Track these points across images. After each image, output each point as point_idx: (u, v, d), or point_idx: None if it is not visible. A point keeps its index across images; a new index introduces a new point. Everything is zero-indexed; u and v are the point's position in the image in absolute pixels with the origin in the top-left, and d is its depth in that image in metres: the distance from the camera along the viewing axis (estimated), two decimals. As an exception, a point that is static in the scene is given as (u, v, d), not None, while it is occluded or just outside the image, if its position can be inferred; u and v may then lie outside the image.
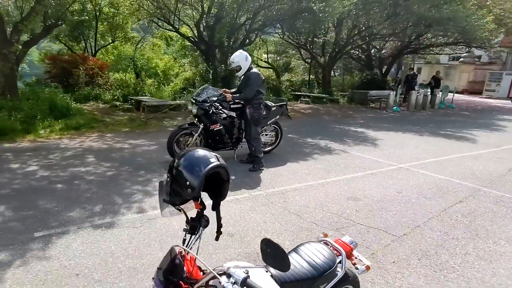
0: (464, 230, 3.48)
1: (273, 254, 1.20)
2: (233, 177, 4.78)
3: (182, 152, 1.40)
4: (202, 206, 1.42)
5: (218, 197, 1.44)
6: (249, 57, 5.20)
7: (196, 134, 5.25)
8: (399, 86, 15.56)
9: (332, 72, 19.10)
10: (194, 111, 5.21)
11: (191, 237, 1.42)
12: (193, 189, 1.29)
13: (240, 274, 1.17)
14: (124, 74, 11.54)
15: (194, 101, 5.23)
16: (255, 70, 5.22)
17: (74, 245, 2.95)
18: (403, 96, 15.21)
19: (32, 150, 5.78)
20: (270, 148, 6.23)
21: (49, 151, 5.76)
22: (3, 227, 3.18)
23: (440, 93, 16.07)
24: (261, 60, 20.19)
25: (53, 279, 2.49)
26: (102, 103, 9.43)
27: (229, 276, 1.19)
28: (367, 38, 15.12)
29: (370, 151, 6.71)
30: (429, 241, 3.25)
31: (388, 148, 7.03)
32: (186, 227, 1.44)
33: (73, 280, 2.49)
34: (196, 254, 1.31)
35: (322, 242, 1.89)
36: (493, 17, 14.94)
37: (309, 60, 17.10)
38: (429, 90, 16.18)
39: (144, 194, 4.09)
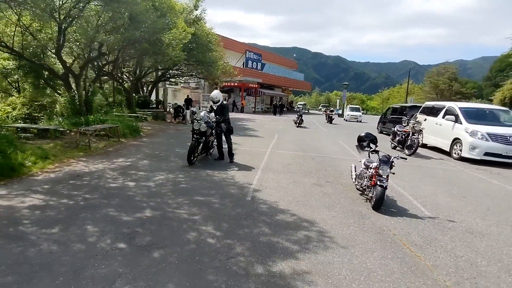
0: (330, 165, 9.35)
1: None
2: (235, 168, 8.11)
3: (363, 134, 6.03)
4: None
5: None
6: (222, 94, 8.55)
7: (202, 144, 7.88)
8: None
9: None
10: (203, 129, 7.78)
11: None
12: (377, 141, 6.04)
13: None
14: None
15: (203, 123, 7.80)
16: (225, 102, 8.60)
17: (277, 193, 5.92)
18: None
19: (75, 177, 5.85)
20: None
21: (95, 174, 6.27)
22: (221, 202, 5.43)
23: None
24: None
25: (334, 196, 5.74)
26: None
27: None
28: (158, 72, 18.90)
29: (248, 146, 11.37)
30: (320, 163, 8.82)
31: (250, 144, 11.94)
32: (379, 156, 6.05)
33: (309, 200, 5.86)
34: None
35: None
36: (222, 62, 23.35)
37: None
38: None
39: (239, 175, 6.82)
